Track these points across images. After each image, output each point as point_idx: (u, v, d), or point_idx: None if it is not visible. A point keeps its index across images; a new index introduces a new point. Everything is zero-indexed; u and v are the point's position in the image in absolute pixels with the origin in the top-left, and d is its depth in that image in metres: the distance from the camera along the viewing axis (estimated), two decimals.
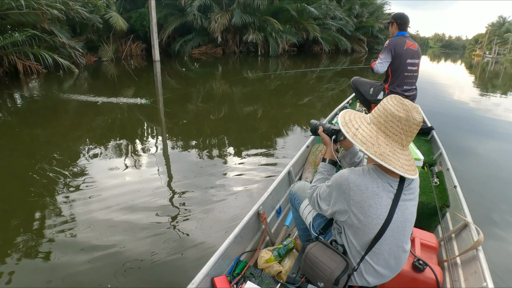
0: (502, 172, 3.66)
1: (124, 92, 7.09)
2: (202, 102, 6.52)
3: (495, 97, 9.24)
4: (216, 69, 12.02)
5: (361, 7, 23.27)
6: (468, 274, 1.38)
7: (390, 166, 0.96)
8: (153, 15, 11.90)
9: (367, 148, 0.99)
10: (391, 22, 2.82)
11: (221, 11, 14.77)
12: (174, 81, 9.08)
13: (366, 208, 1.01)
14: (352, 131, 1.05)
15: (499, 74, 18.64)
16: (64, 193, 2.71)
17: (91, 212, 2.42)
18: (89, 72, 9.92)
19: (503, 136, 5.26)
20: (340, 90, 8.56)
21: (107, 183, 2.89)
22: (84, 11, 9.83)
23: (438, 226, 1.89)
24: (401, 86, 2.78)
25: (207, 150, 3.87)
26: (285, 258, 1.50)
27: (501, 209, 2.79)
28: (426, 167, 2.49)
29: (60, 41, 9.16)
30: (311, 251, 1.15)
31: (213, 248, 1.97)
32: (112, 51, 12.65)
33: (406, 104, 0.99)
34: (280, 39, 16.06)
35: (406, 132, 0.99)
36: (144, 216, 2.39)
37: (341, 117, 1.14)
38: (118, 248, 2.04)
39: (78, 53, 9.81)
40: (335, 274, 1.06)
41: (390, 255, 1.08)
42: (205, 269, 1.21)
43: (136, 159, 3.52)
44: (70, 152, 3.62)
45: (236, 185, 2.95)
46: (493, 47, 42.38)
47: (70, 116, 5.26)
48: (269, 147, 4.01)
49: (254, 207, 1.60)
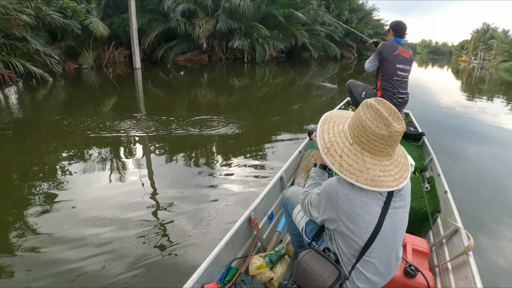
0: (491, 176, 3.84)
1: (98, 107, 6.40)
2: (187, 110, 6.54)
3: (482, 102, 9.72)
4: (202, 76, 12.05)
5: (350, 13, 23.91)
6: (459, 280, 1.43)
7: (384, 188, 0.98)
8: (134, 21, 11.84)
9: (357, 179, 0.99)
10: (389, 30, 3.02)
11: (206, 16, 14.82)
12: (158, 90, 8.98)
13: (354, 217, 1.02)
14: (338, 162, 1.03)
15: (484, 79, 19.61)
16: (47, 198, 2.70)
17: (78, 220, 2.45)
18: (65, 80, 9.72)
19: (491, 140, 5.53)
20: (330, 96, 8.79)
21: (85, 196, 2.87)
22: (59, 17, 9.64)
23: (430, 231, 1.95)
24: (392, 90, 2.92)
25: (197, 158, 3.90)
26: (276, 265, 1.53)
27: (491, 214, 2.92)
28: (417, 172, 2.59)
29: (34, 48, 8.94)
30: (303, 259, 1.17)
31: (204, 254, 1.96)
32: (92, 58, 12.51)
33: (384, 117, 0.96)
34: (267, 45, 16.19)
35: (391, 145, 0.99)
36: (133, 222, 2.41)
37: (320, 139, 1.11)
38: (106, 255, 2.06)
39: (54, 61, 9.59)
40: (327, 283, 1.08)
41: (381, 262, 1.09)
42: (195, 276, 1.22)
43: (121, 168, 3.50)
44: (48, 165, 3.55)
45: (227, 191, 3.00)
46: (479, 53, 44.57)
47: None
48: (261, 152, 4.09)
49: (246, 212, 1.63)
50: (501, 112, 8.26)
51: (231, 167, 3.63)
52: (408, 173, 1.04)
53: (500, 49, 35.18)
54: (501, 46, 35.09)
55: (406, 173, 1.04)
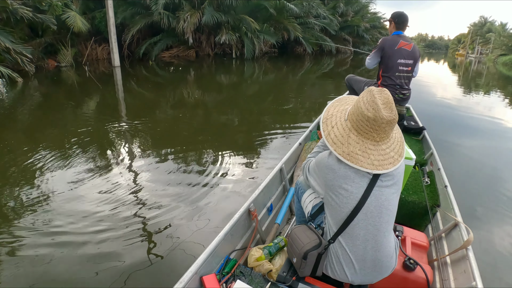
0: (490, 169, 4.01)
1: (63, 118, 5.60)
2: (172, 108, 6.55)
3: (483, 97, 10.07)
4: (188, 73, 12.03)
5: (346, 6, 23.91)
6: (457, 274, 1.49)
7: (355, 165, 1.11)
8: (111, 14, 11.54)
9: (336, 148, 1.15)
10: (390, 21, 3.02)
11: (192, 9, 14.64)
12: (138, 91, 8.58)
13: (336, 187, 1.16)
14: (328, 130, 1.21)
15: (482, 73, 20.18)
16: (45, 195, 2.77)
17: (78, 213, 2.57)
18: (39, 80, 9.42)
19: (491, 134, 5.75)
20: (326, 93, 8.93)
21: (76, 193, 2.93)
22: (28, 11, 9.22)
23: (429, 225, 2.05)
24: (393, 86, 2.96)
25: (198, 151, 4.04)
26: (275, 257, 1.59)
27: (491, 208, 3.06)
28: (417, 166, 2.68)
29: (3, 46, 8.57)
30: (293, 230, 1.38)
31: (202, 246, 2.11)
32: (71, 55, 12.30)
33: (376, 103, 1.07)
34: (256, 39, 16.00)
35: (376, 130, 1.10)
36: (132, 214, 2.54)
37: (326, 109, 1.29)
38: (104, 248, 2.17)
39: (26, 59, 9.21)
40: (305, 248, 1.24)
41: (366, 244, 1.17)
42: (193, 267, 1.27)
43: (118, 162, 3.61)
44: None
45: (226, 183, 3.15)
46: (476, 47, 45.80)
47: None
48: (258, 146, 4.26)
49: (245, 204, 1.70)
50: (499, 106, 8.57)
51: (229, 159, 3.80)
52: (393, 166, 1.14)
53: (498, 43, 36.16)
54: (498, 40, 36.07)
55: (391, 165, 1.13)
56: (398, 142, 1.19)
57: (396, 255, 1.27)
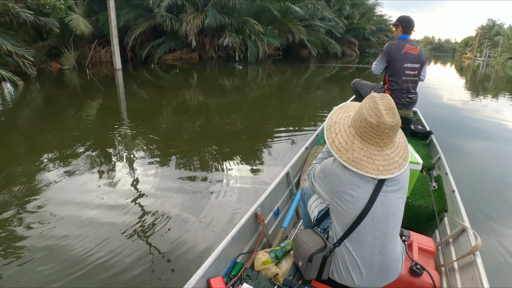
0: (498, 174, 4.00)
1: (60, 120, 5.43)
2: (174, 114, 6.61)
3: (491, 100, 10.03)
4: (191, 76, 12.08)
5: (352, 8, 23.98)
6: (465, 280, 1.49)
7: (361, 171, 1.13)
8: (113, 17, 11.71)
9: (341, 155, 1.18)
10: (396, 25, 3.04)
11: (195, 11, 14.74)
12: (139, 96, 8.49)
13: (342, 193, 1.18)
14: (332, 137, 1.24)
15: (490, 77, 20.11)
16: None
17: (82, 219, 2.60)
18: (40, 84, 9.50)
19: (502, 137, 5.76)
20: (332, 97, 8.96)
21: (83, 197, 2.97)
22: (29, 14, 9.32)
23: (436, 230, 2.05)
24: (400, 90, 2.99)
25: (202, 155, 4.07)
26: (282, 260, 1.61)
27: (499, 214, 3.04)
28: (425, 171, 2.69)
29: (5, 49, 8.67)
30: (299, 234, 1.41)
31: (210, 249, 2.16)
32: (74, 58, 12.45)
33: (378, 109, 1.10)
34: (260, 42, 16.06)
35: (380, 136, 1.13)
36: (138, 218, 2.59)
37: (329, 117, 1.33)
38: (110, 252, 2.19)
39: (27, 62, 9.31)
40: (311, 251, 1.27)
41: (373, 248, 1.19)
42: (201, 270, 1.30)
43: (124, 166, 3.68)
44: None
45: (233, 187, 3.20)
46: (484, 50, 45.73)
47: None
48: (267, 149, 4.35)
49: (252, 208, 1.73)
50: (507, 109, 8.56)
51: (235, 162, 3.87)
52: (398, 170, 1.16)
53: (507, 46, 36.14)
54: (507, 43, 36.06)
55: (396, 170, 1.16)
56: (402, 146, 1.21)
57: (402, 260, 1.29)
